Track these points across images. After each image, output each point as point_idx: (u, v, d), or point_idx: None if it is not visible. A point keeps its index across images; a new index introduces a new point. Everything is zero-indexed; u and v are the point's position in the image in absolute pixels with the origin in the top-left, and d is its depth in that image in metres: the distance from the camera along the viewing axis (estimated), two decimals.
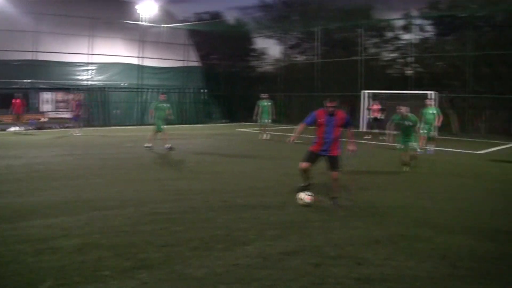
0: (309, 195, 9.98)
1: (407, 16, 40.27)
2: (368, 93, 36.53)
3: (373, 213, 9.74)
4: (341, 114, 10.26)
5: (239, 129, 34.06)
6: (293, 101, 46.04)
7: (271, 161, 17.18)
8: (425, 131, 20.24)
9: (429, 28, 39.88)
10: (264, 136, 26.87)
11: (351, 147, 10.33)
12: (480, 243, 7.80)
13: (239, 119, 44.63)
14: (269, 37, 48.66)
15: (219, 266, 6.35)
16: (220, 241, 7.42)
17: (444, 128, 31.28)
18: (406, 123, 15.21)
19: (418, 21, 39.92)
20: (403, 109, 15.46)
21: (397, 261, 6.77)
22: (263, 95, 27.81)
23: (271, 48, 74.26)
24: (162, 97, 21.31)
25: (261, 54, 51.43)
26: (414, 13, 40.15)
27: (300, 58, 47.98)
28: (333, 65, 41.71)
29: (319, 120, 10.21)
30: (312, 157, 10.35)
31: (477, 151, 22.57)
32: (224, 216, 9.03)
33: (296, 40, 47.91)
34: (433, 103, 20.81)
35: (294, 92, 44.91)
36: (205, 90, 44.19)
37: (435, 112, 20.53)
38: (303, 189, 10.29)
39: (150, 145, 20.00)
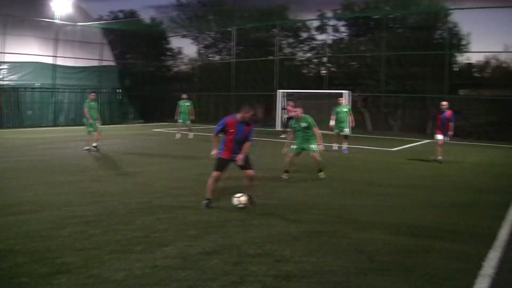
0: (241, 196, 9.98)
1: (321, 17, 40.98)
2: (284, 92, 36.94)
3: (291, 210, 9.76)
4: (251, 126, 10.29)
5: (155, 129, 33.53)
6: (209, 101, 46.08)
7: (187, 161, 17.05)
8: (337, 130, 20.67)
9: (343, 29, 40.75)
10: (177, 136, 26.87)
11: (240, 156, 10.18)
12: (396, 237, 7.89)
13: (154, 119, 44.28)
14: (185, 36, 48.44)
15: (138, 268, 6.24)
16: (138, 243, 7.27)
17: (358, 126, 32.04)
18: (303, 124, 13.46)
19: (333, 22, 40.72)
20: (298, 110, 13.64)
21: (315, 257, 6.74)
22: (184, 96, 27.85)
23: (186, 47, 73.87)
24: (92, 96, 20.88)
25: (176, 53, 51.16)
26: (329, 14, 40.95)
27: (216, 57, 48.01)
28: (248, 65, 41.91)
29: (229, 130, 10.16)
30: (225, 165, 10.34)
31: (391, 148, 23.15)
32: (142, 217, 8.87)
33: (212, 40, 47.83)
34: (344, 101, 21.15)
35: (210, 92, 44.91)
36: (120, 90, 43.36)
37: (346, 110, 20.96)
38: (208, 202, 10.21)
39: (88, 146, 19.71)
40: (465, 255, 7.13)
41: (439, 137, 17.58)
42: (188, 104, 27.03)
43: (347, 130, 20.51)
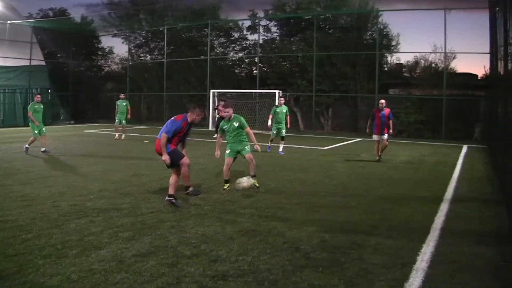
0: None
1: (253, 17, 41.12)
2: (216, 92, 36.95)
3: (226, 210, 9.67)
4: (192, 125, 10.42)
5: (87, 130, 32.94)
6: (142, 101, 45.71)
7: (121, 161, 16.77)
8: (275, 131, 20.63)
9: (275, 29, 41.00)
10: (117, 136, 26.65)
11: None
12: (331, 234, 7.91)
13: (86, 120, 43.62)
14: (116, 35, 47.72)
15: (73, 273, 6.09)
16: (73, 247, 7.10)
17: (291, 126, 32.23)
18: (235, 124, 12.32)
19: (264, 22, 40.93)
20: (230, 110, 12.32)
21: (251, 256, 6.71)
22: (121, 95, 27.96)
23: (118, 47, 72.98)
24: (37, 98, 20.30)
25: (108, 53, 50.39)
26: (260, 14, 41.14)
27: (147, 57, 47.52)
28: (180, 65, 41.77)
29: (182, 131, 10.22)
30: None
31: (323, 147, 23.41)
32: (76, 220, 8.66)
33: (143, 39, 47.28)
34: (283, 101, 21.10)
35: (143, 91, 44.53)
36: (50, 90, 41.97)
37: (285, 111, 20.72)
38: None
39: (44, 148, 19.13)
40: (399, 250, 7.24)
41: (375, 137, 17.79)
42: (125, 104, 27.00)
43: (284, 131, 20.41)
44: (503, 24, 12.56)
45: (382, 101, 17.97)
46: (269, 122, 20.70)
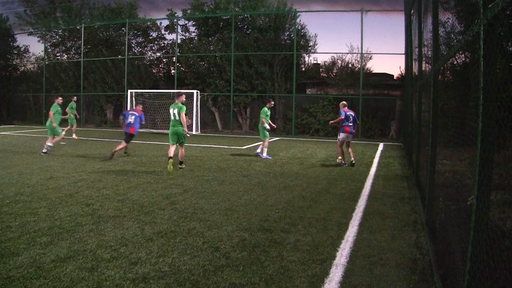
0: None
1: (171, 16, 40.89)
2: (133, 92, 36.62)
3: (144, 212, 9.56)
4: None
5: (1, 133, 31.68)
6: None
7: (37, 164, 16.19)
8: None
9: (193, 28, 40.87)
10: (74, 136, 26.82)
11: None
12: (250, 233, 7.91)
13: (1, 122, 42.35)
14: (32, 34, 46.20)
15: None
16: None
17: (209, 126, 32.19)
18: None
19: (182, 22, 40.76)
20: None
21: (171, 257, 6.65)
22: (74, 98, 27.69)
23: (33, 45, 71.09)
24: (59, 100, 19.88)
25: (24, 52, 48.54)
26: (179, 13, 40.95)
27: (64, 56, 46.26)
28: (98, 64, 41.11)
29: None
30: None
31: (241, 146, 23.52)
32: None
33: (60, 38, 46.05)
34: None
35: (59, 92, 43.49)
36: None
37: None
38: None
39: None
40: (318, 246, 7.32)
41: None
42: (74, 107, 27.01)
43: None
44: (417, 26, 12.95)
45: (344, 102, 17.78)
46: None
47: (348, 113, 17.13)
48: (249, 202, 10.69)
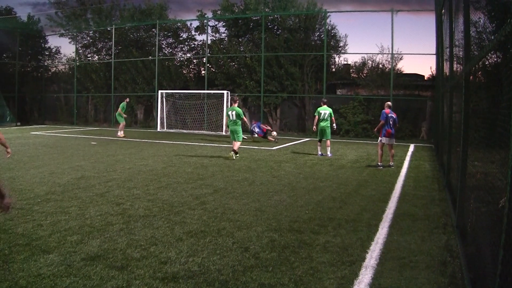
0: None
1: (201, 17, 40.98)
2: (164, 93, 36.84)
3: (174, 212, 9.56)
4: None
5: (33, 132, 32.26)
6: (89, 102, 45.13)
7: (68, 164, 16.36)
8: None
9: (223, 29, 40.90)
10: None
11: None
12: (280, 233, 7.93)
13: (33, 122, 42.85)
14: (63, 35, 46.47)
15: (22, 278, 5.93)
16: (21, 252, 6.93)
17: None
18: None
19: (212, 23, 40.84)
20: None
21: (201, 257, 6.65)
22: (127, 99, 29.56)
23: (64, 47, 71.88)
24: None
25: (54, 53, 48.96)
26: (209, 14, 41.02)
27: (95, 57, 46.44)
28: (128, 65, 41.37)
29: None
30: None
31: (271, 147, 23.50)
32: (23, 224, 8.42)
33: (90, 39, 46.31)
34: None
35: (90, 92, 43.94)
36: None
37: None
38: None
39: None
40: (348, 247, 7.29)
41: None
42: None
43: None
44: (448, 26, 12.82)
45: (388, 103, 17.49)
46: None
47: (389, 115, 16.85)
48: (279, 203, 10.68)
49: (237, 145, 18.98)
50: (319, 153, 20.24)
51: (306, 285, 5.78)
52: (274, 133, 27.72)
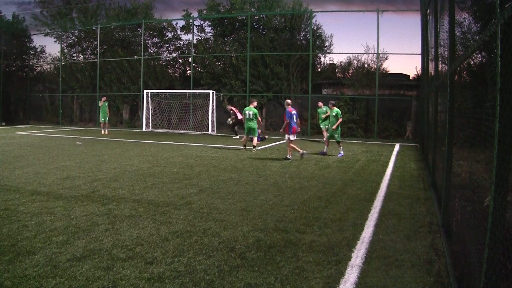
0: None
1: (187, 17, 40.93)
2: (149, 93, 36.79)
3: (160, 212, 9.59)
4: None
5: (18, 132, 32.02)
6: (75, 102, 44.96)
7: (54, 164, 16.29)
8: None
9: (208, 29, 40.89)
10: (103, 132, 26.56)
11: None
12: (265, 233, 7.94)
13: (18, 122, 42.58)
14: (48, 34, 46.17)
15: (7, 279, 5.87)
16: (5, 253, 6.87)
17: (225, 126, 32.19)
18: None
19: (198, 22, 40.81)
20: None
21: (187, 257, 6.64)
22: (103, 98, 29.88)
23: (50, 46, 71.44)
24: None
25: (40, 52, 48.56)
26: (194, 14, 40.99)
27: (80, 57, 46.29)
28: (114, 65, 41.23)
29: None
30: None
31: (257, 147, 23.52)
32: (8, 225, 8.35)
33: (76, 39, 46.10)
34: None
35: (75, 92, 43.77)
36: None
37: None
38: None
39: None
40: (333, 247, 7.30)
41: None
42: (106, 104, 30.39)
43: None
44: (433, 26, 12.88)
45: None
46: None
47: (292, 113, 18.43)
48: (264, 202, 10.69)
49: (255, 140, 21.93)
50: (325, 148, 21.60)
51: (292, 285, 5.79)
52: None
